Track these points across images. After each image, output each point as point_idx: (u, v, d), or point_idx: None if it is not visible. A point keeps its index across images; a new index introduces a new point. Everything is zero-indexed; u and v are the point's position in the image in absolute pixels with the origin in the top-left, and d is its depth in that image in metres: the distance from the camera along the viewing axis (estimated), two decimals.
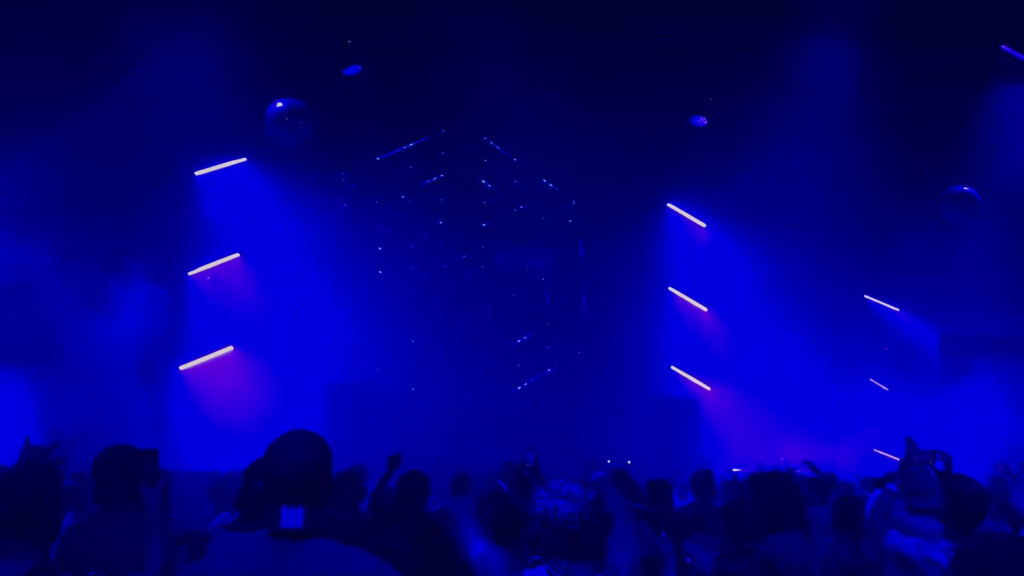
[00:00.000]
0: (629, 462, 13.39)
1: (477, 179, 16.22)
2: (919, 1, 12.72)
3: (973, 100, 14.14)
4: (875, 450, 14.31)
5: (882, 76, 13.70)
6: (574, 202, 16.43)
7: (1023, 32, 13.72)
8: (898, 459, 5.50)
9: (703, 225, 16.40)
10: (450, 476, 7.72)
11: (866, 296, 16.10)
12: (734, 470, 10.45)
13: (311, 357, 14.69)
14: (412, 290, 15.98)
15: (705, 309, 16.41)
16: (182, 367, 14.15)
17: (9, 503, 2.95)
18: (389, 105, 14.82)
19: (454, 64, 14.03)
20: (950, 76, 13.57)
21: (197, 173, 14.24)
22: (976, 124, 14.13)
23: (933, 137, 13.95)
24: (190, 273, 14.46)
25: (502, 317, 16.28)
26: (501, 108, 14.59)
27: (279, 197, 14.69)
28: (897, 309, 15.98)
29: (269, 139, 12.94)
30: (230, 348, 14.63)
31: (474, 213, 16.25)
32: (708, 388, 16.08)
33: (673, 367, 16.24)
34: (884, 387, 15.72)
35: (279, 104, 12.64)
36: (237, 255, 14.90)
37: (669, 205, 16.44)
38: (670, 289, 16.45)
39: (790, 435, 13.87)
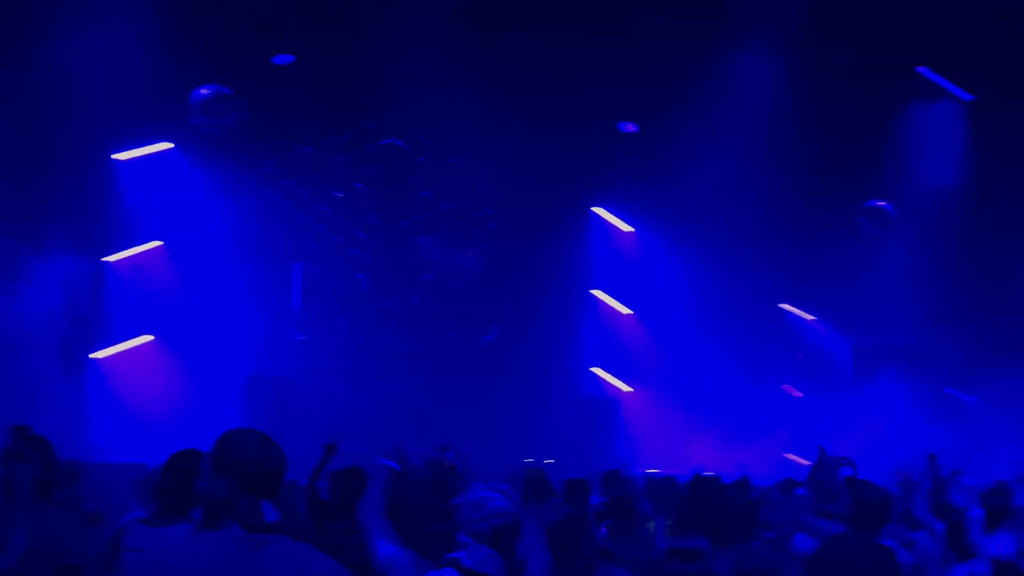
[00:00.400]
0: (549, 461, 13.51)
1: (405, 175, 16.16)
2: (843, 19, 13.15)
3: (891, 117, 14.68)
4: (786, 455, 14.73)
5: (806, 90, 14.11)
6: (500, 202, 16.47)
7: (939, 54, 14.28)
8: (808, 463, 5.71)
9: (630, 230, 16.65)
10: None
11: (781, 304, 16.54)
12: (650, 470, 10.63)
13: (232, 348, 14.45)
14: (336, 284, 15.84)
15: (629, 312, 16.66)
16: (97, 355, 13.77)
17: None
18: (318, 96, 14.66)
19: (386, 58, 13.97)
20: (871, 93, 14.04)
21: (117, 156, 13.87)
22: (894, 140, 14.68)
23: (853, 151, 14.43)
24: (109, 259, 14.08)
25: (426, 314, 16.24)
26: (431, 104, 14.56)
27: (204, 185, 14.42)
28: (812, 318, 16.46)
29: (194, 126, 12.69)
30: (150, 337, 14.30)
31: (401, 208, 16.16)
32: (629, 390, 16.33)
33: (594, 368, 16.46)
34: (797, 393, 16.18)
35: (204, 90, 12.38)
36: (159, 243, 14.57)
37: (594, 209, 16.65)
38: (593, 292, 16.66)
39: (705, 438, 14.16)
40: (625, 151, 15.55)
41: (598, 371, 16.50)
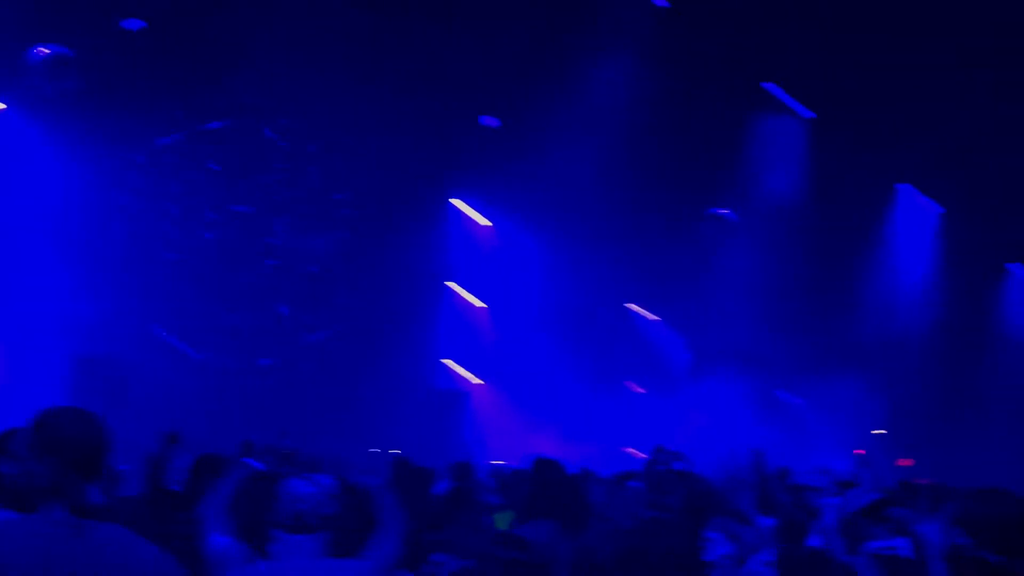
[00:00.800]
0: (395, 452, 13.43)
1: (256, 155, 15.68)
2: (697, 31, 13.63)
3: (738, 129, 15.31)
4: (627, 449, 15.18)
5: (660, 97, 14.52)
6: (358, 189, 16.23)
7: (784, 72, 15.00)
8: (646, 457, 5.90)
9: (488, 223, 16.76)
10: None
11: (628, 304, 17.03)
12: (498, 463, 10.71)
13: (58, 327, 13.63)
14: (175, 262, 15.18)
15: (482, 305, 16.78)
16: None
17: None
18: (166, 65, 14.00)
19: (246, 35, 13.51)
20: (720, 104, 14.59)
21: None
22: (739, 151, 15.33)
23: (701, 159, 14.95)
24: None
25: (275, 299, 15.83)
26: (290, 84, 14.22)
27: (32, 151, 13.55)
28: (656, 318, 17.02)
29: (29, 87, 11.89)
30: None
31: (250, 189, 15.67)
32: (479, 382, 16.45)
33: (445, 360, 16.49)
34: (639, 390, 16.71)
35: (43, 50, 11.62)
36: None
37: (452, 201, 16.67)
38: (448, 284, 16.70)
39: (550, 431, 14.41)
40: (485, 145, 15.62)
41: (449, 363, 16.54)
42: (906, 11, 11.98)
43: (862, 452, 15.73)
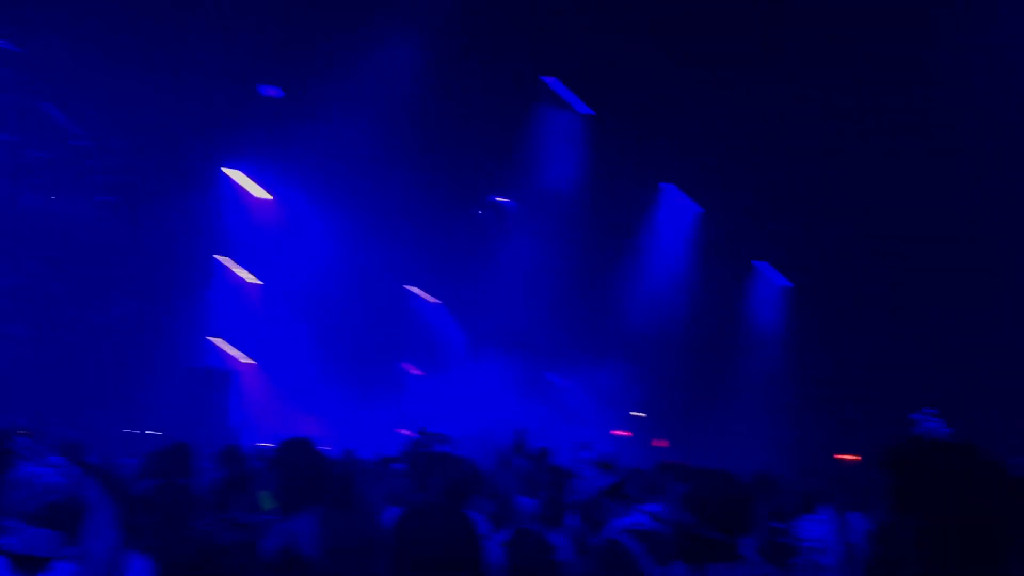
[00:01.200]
0: (155, 433, 12.78)
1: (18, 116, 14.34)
2: (486, 21, 13.73)
3: (519, 118, 15.60)
4: (399, 430, 15.24)
5: (447, 82, 14.52)
6: (118, 153, 15.17)
7: (565, 68, 15.43)
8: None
9: (269, 197, 16.19)
10: None
11: (407, 286, 17.06)
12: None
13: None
14: None
15: (257, 282, 16.24)
16: None
17: None
18: None
19: None
20: (503, 93, 14.75)
21: None
22: (521, 142, 15.64)
23: (485, 147, 15.10)
24: None
25: (30, 268, 14.57)
26: (56, 43, 13.09)
27: None
28: (437, 301, 17.15)
29: None
30: None
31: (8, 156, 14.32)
32: (248, 362, 15.93)
33: (211, 337, 15.84)
34: (417, 371, 16.81)
35: None
36: None
37: (226, 170, 15.95)
38: (219, 258, 16.02)
39: (323, 412, 14.23)
40: (266, 116, 15.05)
41: (218, 341, 15.90)
42: (680, 18, 12.62)
43: (626, 434, 16.68)
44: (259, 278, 16.29)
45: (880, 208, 13.40)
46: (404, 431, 14.88)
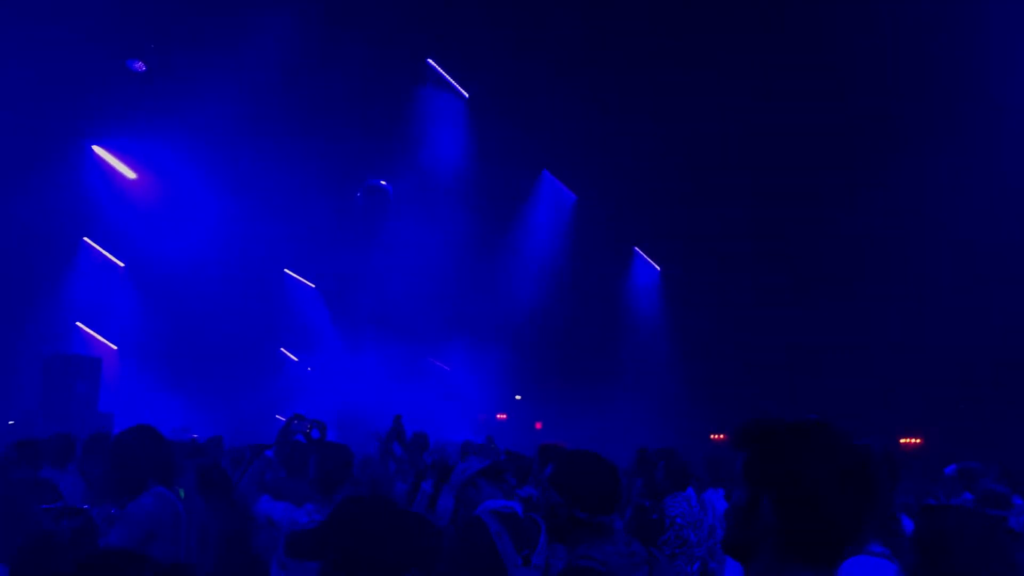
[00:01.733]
0: (11, 423, 12.17)
1: None
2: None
3: (403, 98, 15.37)
4: (277, 416, 14.96)
5: (327, 60, 14.15)
6: None
7: (447, 51, 15.32)
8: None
9: (133, 176, 15.52)
10: None
11: (286, 270, 16.72)
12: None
13: None
14: None
15: (122, 264, 15.60)
16: None
17: None
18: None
19: None
20: (386, 73, 14.50)
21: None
22: (402, 122, 15.40)
23: (364, 126, 14.82)
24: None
25: None
26: None
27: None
28: (313, 285, 16.87)
29: None
30: None
31: None
32: (114, 347, 15.32)
33: (79, 323, 15.16)
34: (294, 357, 16.52)
35: None
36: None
37: (95, 148, 15.24)
38: (86, 240, 15.32)
39: (195, 398, 13.83)
40: (134, 91, 14.40)
41: (83, 326, 15.23)
42: (557, 5, 12.67)
43: (503, 416, 16.80)
44: (127, 260, 15.63)
45: (752, 198, 13.82)
46: (279, 417, 14.66)
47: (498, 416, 16.01)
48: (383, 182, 14.28)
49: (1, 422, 12.40)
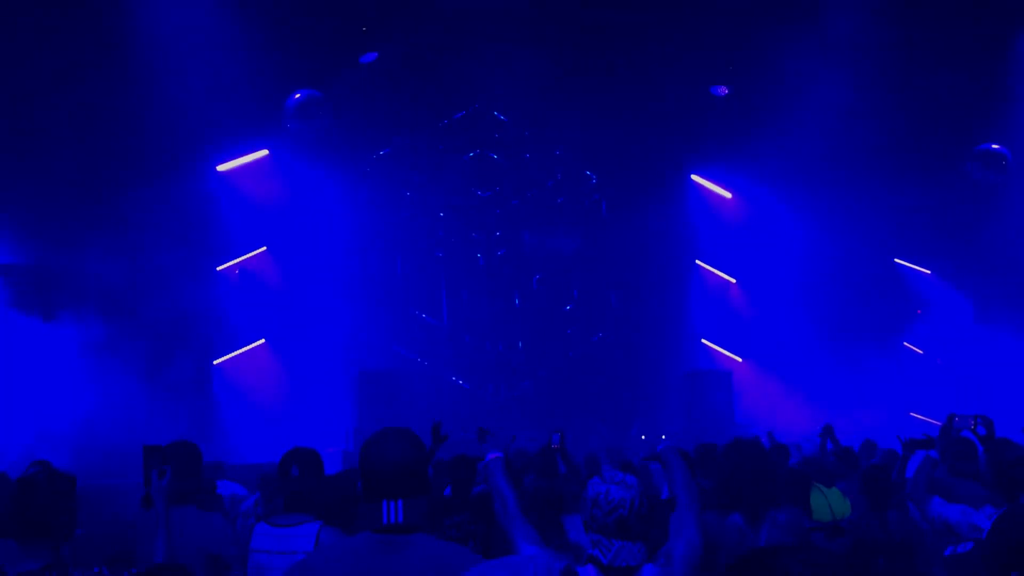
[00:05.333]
0: (664, 436, 13.35)
1: (497, 161, 16.20)
2: None
3: (1000, 55, 13.69)
4: (912, 414, 14.21)
5: (908, 31, 13.19)
6: (595, 179, 16.38)
7: None
8: (937, 423, 5.44)
9: (728, 195, 16.26)
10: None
11: (896, 260, 15.89)
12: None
13: (341, 346, 14.76)
14: (439, 274, 16.02)
15: (733, 281, 16.32)
16: (216, 361, 14.23)
17: (27, 507, 3.14)
18: (406, 90, 14.84)
19: (468, 45, 14.00)
20: (981, 24, 13.01)
21: (219, 168, 14.22)
22: (1005, 78, 13.68)
23: (961, 92, 13.45)
24: (218, 268, 14.48)
25: (530, 299, 16.29)
26: (517, 86, 14.58)
27: (302, 188, 14.71)
28: (928, 272, 15.75)
29: (289, 131, 13.02)
30: (262, 340, 14.69)
31: (497, 196, 16.23)
32: (739, 360, 16.01)
33: (704, 340, 16.19)
34: (919, 351, 15.56)
35: (297, 95, 12.71)
36: (263, 248, 14.92)
37: (693, 177, 16.31)
38: (698, 262, 16.37)
39: (822, 403, 13.74)
40: (720, 115, 15.12)
41: (708, 343, 16.24)
42: None
43: None
44: (735, 276, 16.34)
45: None
46: (918, 415, 13.87)
47: None
48: (996, 145, 12.75)
49: None
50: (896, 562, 5.20)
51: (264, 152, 14.53)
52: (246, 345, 14.54)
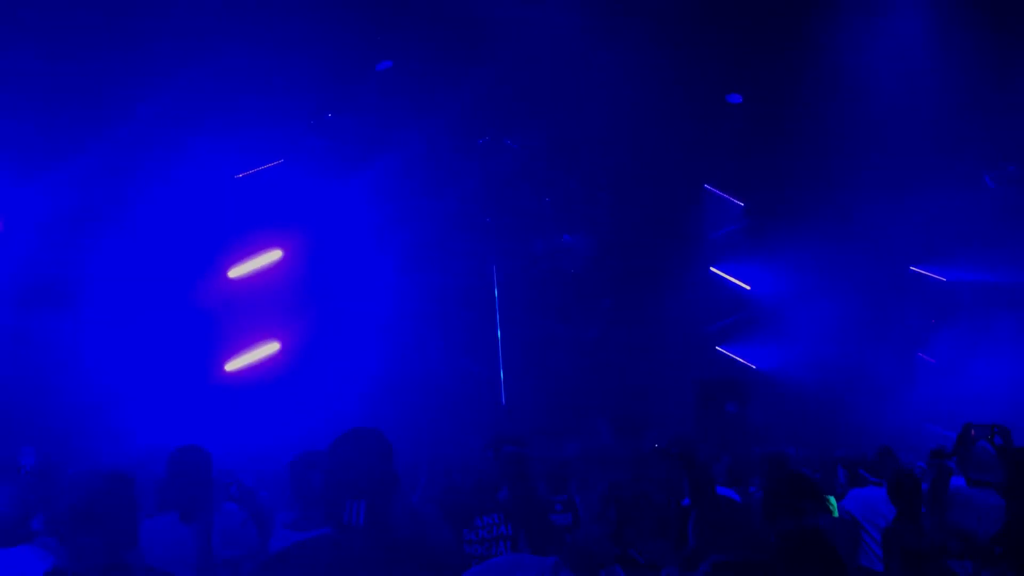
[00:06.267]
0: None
1: (513, 169, 16.21)
2: None
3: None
4: (926, 423, 14.12)
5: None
6: (607, 189, 16.39)
7: None
8: (948, 432, 5.43)
9: (740, 204, 16.28)
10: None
11: (913, 267, 15.80)
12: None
13: (358, 352, 14.77)
14: (456, 282, 16.00)
15: (747, 287, 16.29)
16: (228, 366, 14.26)
17: (81, 501, 3.04)
18: (424, 100, 14.87)
19: (489, 54, 14.02)
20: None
21: (238, 176, 14.31)
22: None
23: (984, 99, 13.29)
24: (232, 273, 14.53)
25: (544, 306, 16.28)
26: (534, 94, 14.58)
27: (317, 196, 14.77)
28: (943, 279, 15.65)
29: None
30: (276, 345, 14.72)
31: (512, 204, 16.23)
32: (754, 367, 15.98)
33: (719, 347, 16.16)
34: (932, 360, 15.47)
35: None
36: (279, 252, 14.96)
37: (706, 186, 16.32)
38: (712, 269, 16.36)
39: (844, 414, 13.68)
40: (735, 124, 15.12)
41: (723, 350, 16.22)
42: None
43: None
44: (748, 284, 16.32)
45: None
46: (932, 425, 13.78)
47: None
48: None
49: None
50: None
51: (278, 160, 14.63)
52: (259, 349, 14.56)
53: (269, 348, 14.67)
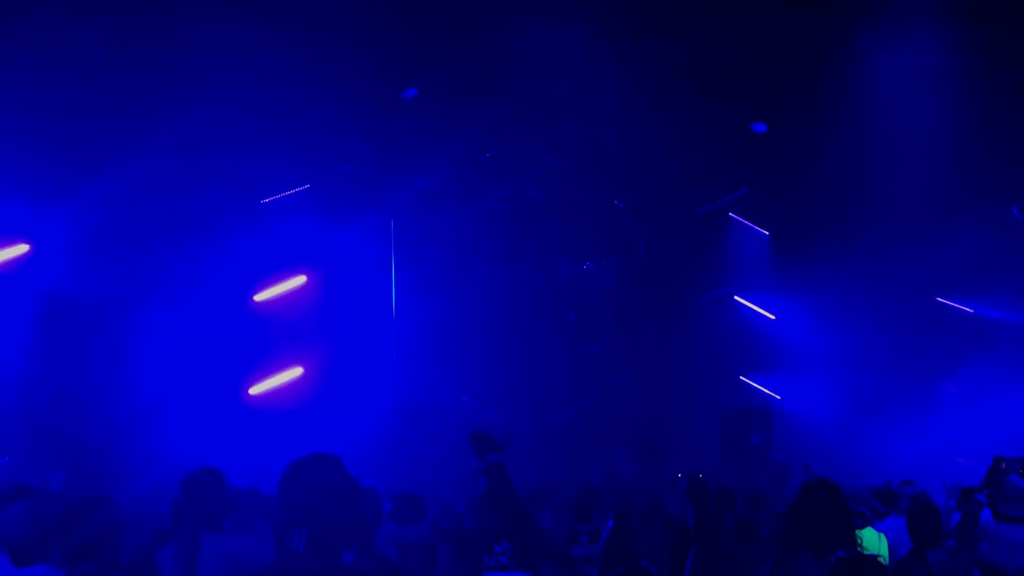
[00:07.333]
0: (700, 475, 13.21)
1: (534, 193, 16.28)
2: None
3: None
4: (956, 457, 13.92)
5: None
6: (625, 208, 16.39)
7: None
8: (979, 465, 5.35)
9: (766, 233, 16.22)
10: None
11: (938, 298, 15.65)
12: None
13: (380, 376, 14.81)
14: (477, 307, 16.03)
15: (772, 317, 16.19)
16: (252, 390, 14.33)
17: (75, 533, 3.19)
18: (445, 125, 14.97)
19: (507, 79, 14.12)
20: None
21: (263, 201, 14.46)
22: None
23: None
24: (257, 297, 14.63)
25: (567, 332, 16.27)
26: (556, 117, 14.67)
27: (341, 221, 14.89)
28: (971, 310, 15.49)
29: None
30: (299, 370, 14.79)
31: (534, 228, 16.28)
32: (778, 397, 15.84)
33: (742, 377, 16.05)
34: (958, 390, 15.28)
35: None
36: (303, 278, 15.06)
37: (731, 214, 16.30)
38: (736, 298, 16.29)
39: (868, 443, 13.54)
40: (759, 152, 15.12)
41: (746, 379, 16.11)
42: None
43: None
44: (772, 313, 16.22)
45: None
46: (959, 458, 13.58)
47: None
48: None
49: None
50: None
51: (305, 185, 14.77)
52: (282, 374, 14.63)
53: (293, 373, 14.74)
